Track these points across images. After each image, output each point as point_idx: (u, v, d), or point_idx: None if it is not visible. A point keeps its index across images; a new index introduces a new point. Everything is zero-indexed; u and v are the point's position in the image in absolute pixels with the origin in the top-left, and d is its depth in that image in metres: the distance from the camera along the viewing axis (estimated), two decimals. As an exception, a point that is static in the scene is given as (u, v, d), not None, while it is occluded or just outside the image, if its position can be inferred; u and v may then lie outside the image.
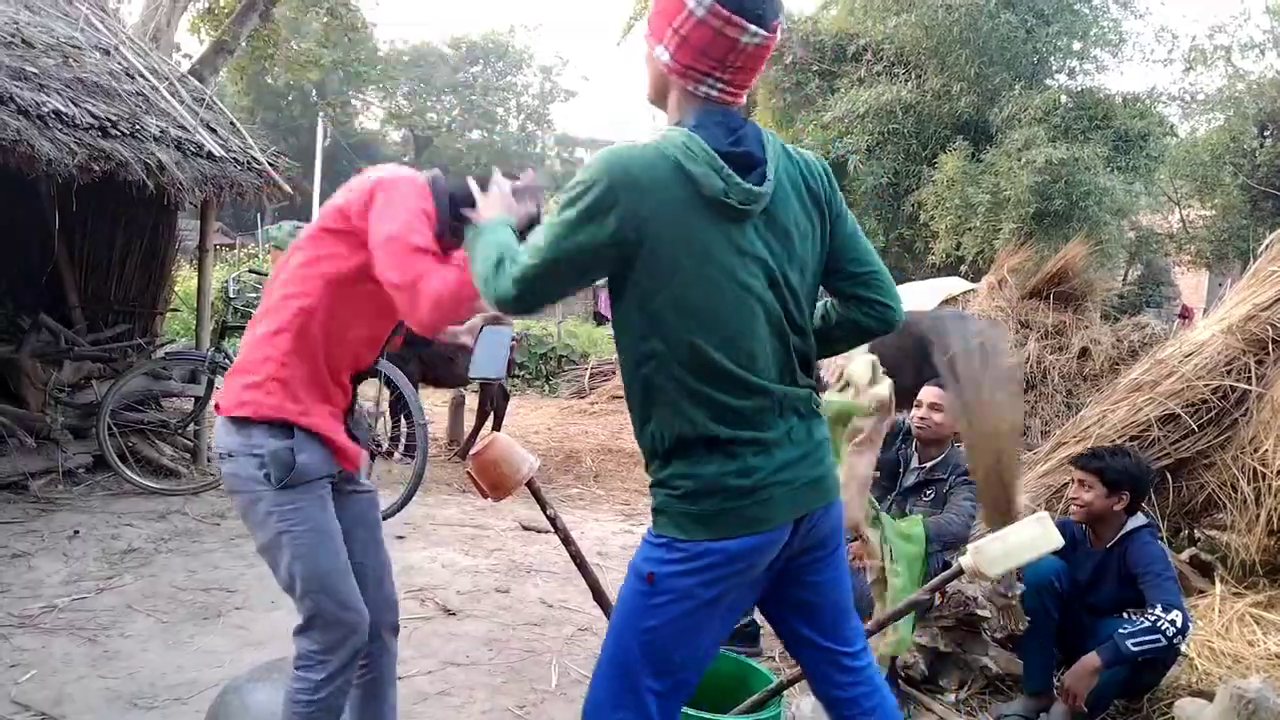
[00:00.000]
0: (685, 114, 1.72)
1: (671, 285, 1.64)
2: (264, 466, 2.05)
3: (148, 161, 4.77)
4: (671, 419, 1.70)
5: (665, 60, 1.70)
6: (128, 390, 5.66)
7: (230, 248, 22.50)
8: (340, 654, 2.12)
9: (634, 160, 1.62)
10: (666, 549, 1.72)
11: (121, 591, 3.94)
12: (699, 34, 1.63)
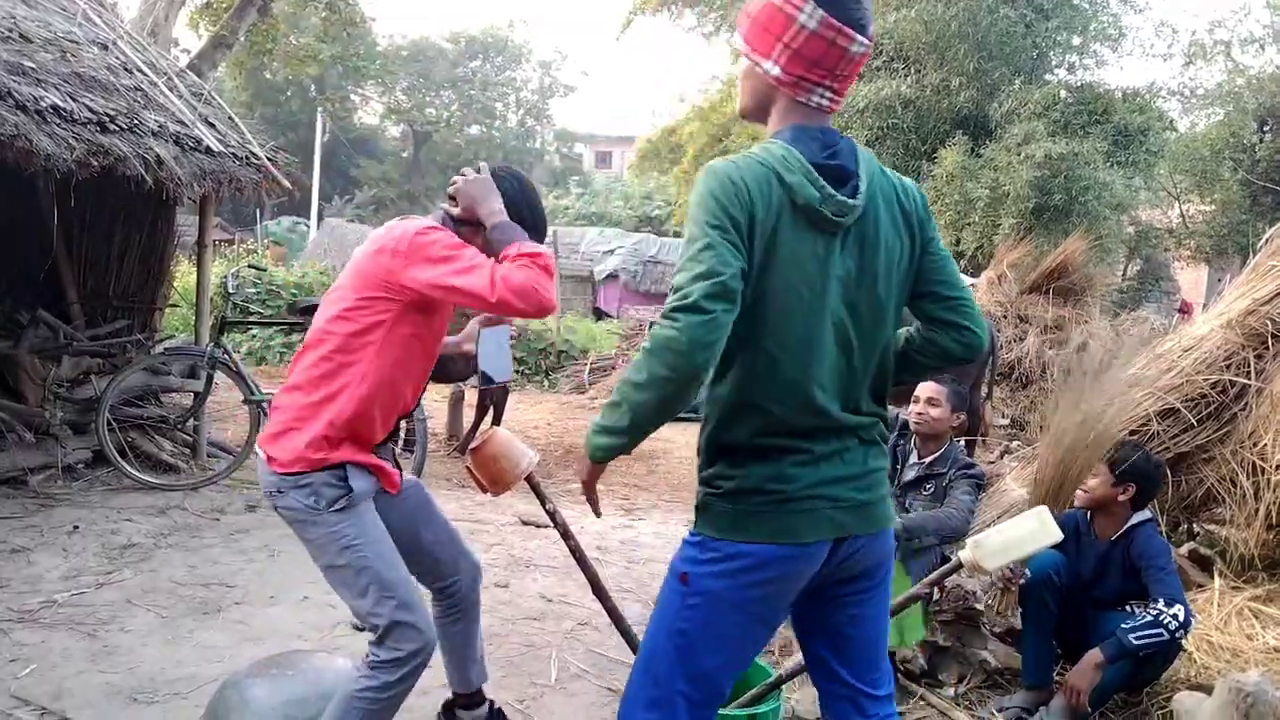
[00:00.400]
0: (784, 127, 1.74)
1: (761, 290, 1.65)
2: (313, 495, 2.20)
3: (146, 156, 4.76)
4: (729, 421, 1.72)
5: (775, 73, 1.71)
6: (127, 385, 5.66)
7: (229, 243, 22.49)
8: (414, 661, 2.20)
9: (741, 168, 1.65)
10: (700, 548, 1.74)
11: (121, 586, 3.94)
12: (812, 46, 1.67)
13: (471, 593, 2.61)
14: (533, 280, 2.07)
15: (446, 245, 2.15)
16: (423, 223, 2.24)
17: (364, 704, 2.18)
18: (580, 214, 28.74)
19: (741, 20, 1.77)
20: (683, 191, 17.84)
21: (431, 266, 2.12)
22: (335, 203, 33.95)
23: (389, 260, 2.17)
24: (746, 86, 1.80)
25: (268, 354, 11.97)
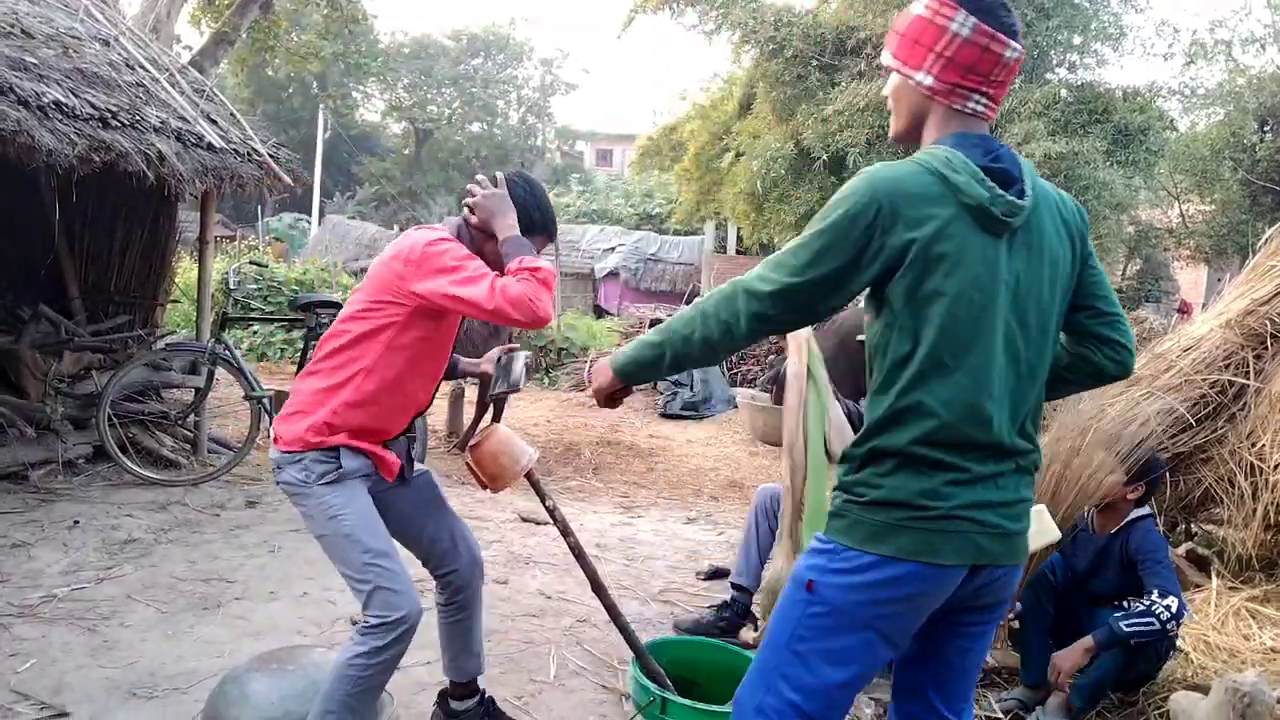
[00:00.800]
0: (943, 135, 1.73)
1: (926, 293, 1.62)
2: (305, 470, 2.34)
3: (148, 152, 4.76)
4: (891, 425, 1.66)
5: (928, 84, 1.72)
6: (128, 381, 5.67)
7: (230, 239, 22.48)
8: (400, 627, 2.27)
9: (896, 173, 1.64)
10: (831, 556, 1.68)
11: (121, 581, 3.95)
12: (965, 52, 1.67)
13: (470, 584, 2.69)
14: (529, 293, 2.20)
15: (454, 256, 2.28)
16: (435, 234, 2.36)
17: (356, 670, 2.27)
18: (581, 211, 28.70)
19: (890, 40, 1.79)
20: (683, 189, 17.81)
21: (438, 276, 2.25)
22: (337, 199, 33.96)
23: (401, 267, 2.31)
24: (900, 105, 1.80)
25: (269, 350, 11.98)
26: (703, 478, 7.30)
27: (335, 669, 2.31)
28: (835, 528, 1.70)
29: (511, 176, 2.49)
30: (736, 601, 3.79)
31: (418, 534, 2.66)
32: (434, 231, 2.39)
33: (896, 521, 1.63)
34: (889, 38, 1.80)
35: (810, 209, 13.27)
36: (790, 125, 13.11)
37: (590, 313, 20.23)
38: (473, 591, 2.71)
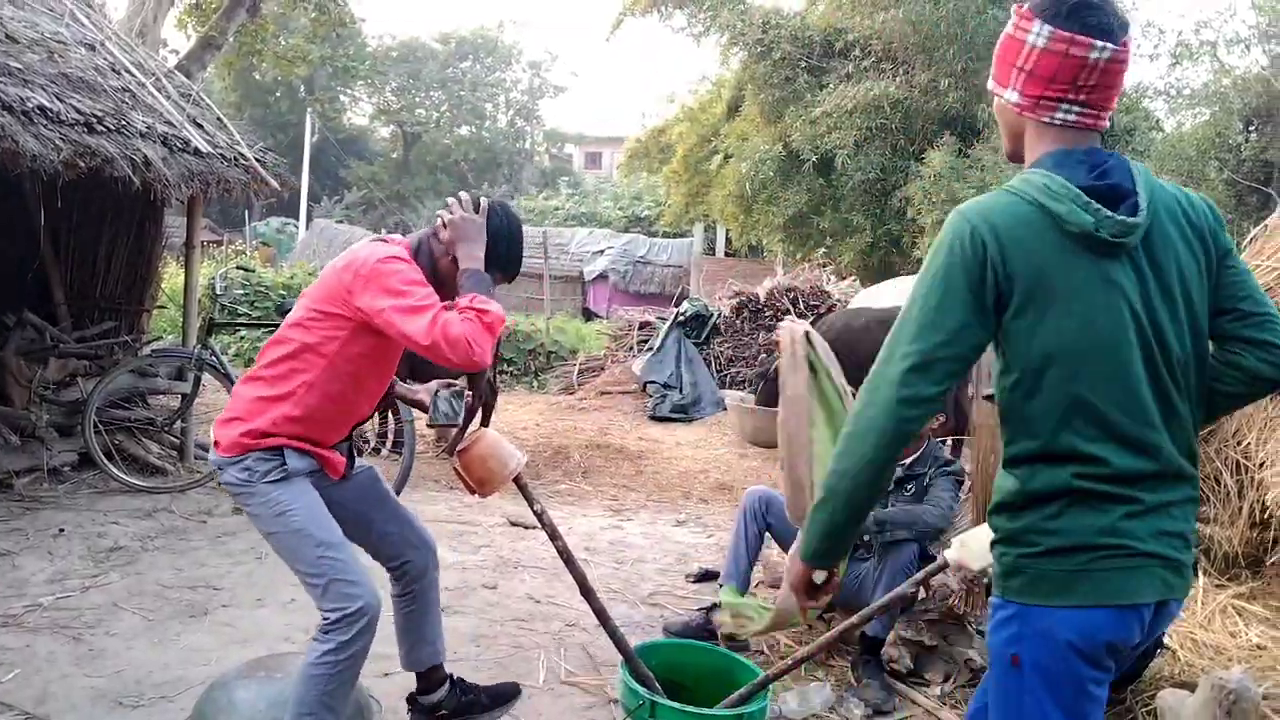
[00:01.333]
0: (1042, 154, 1.63)
1: (1048, 330, 1.54)
2: (247, 470, 2.32)
3: (134, 158, 4.75)
4: (1043, 466, 1.56)
5: (1015, 100, 1.64)
6: (114, 388, 5.64)
7: (218, 244, 22.42)
8: (360, 620, 2.27)
9: (991, 206, 1.58)
10: (1022, 621, 1.56)
11: (107, 590, 3.93)
12: (1044, 62, 1.59)
13: (425, 574, 2.69)
14: (470, 334, 2.16)
15: (403, 280, 2.23)
16: (390, 250, 2.31)
17: (325, 669, 2.27)
18: (570, 214, 28.69)
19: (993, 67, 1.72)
20: (672, 192, 17.83)
21: (382, 297, 2.21)
22: (324, 203, 33.88)
23: (350, 279, 2.27)
24: (1001, 125, 1.73)
25: (255, 355, 11.94)
26: (692, 480, 7.29)
27: (303, 672, 2.30)
28: (1014, 587, 1.57)
29: (495, 205, 2.47)
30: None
31: (366, 529, 2.63)
32: (389, 247, 2.34)
33: (1081, 567, 1.52)
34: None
35: (799, 210, 13.31)
36: (779, 127, 13.13)
37: (579, 316, 20.22)
38: (429, 580, 2.72)
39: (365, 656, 2.35)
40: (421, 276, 2.28)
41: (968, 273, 1.53)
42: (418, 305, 2.18)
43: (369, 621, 2.29)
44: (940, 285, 1.54)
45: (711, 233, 21.66)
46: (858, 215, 12.89)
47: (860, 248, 13.09)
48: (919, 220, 11.79)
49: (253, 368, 2.43)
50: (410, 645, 2.74)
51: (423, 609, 2.72)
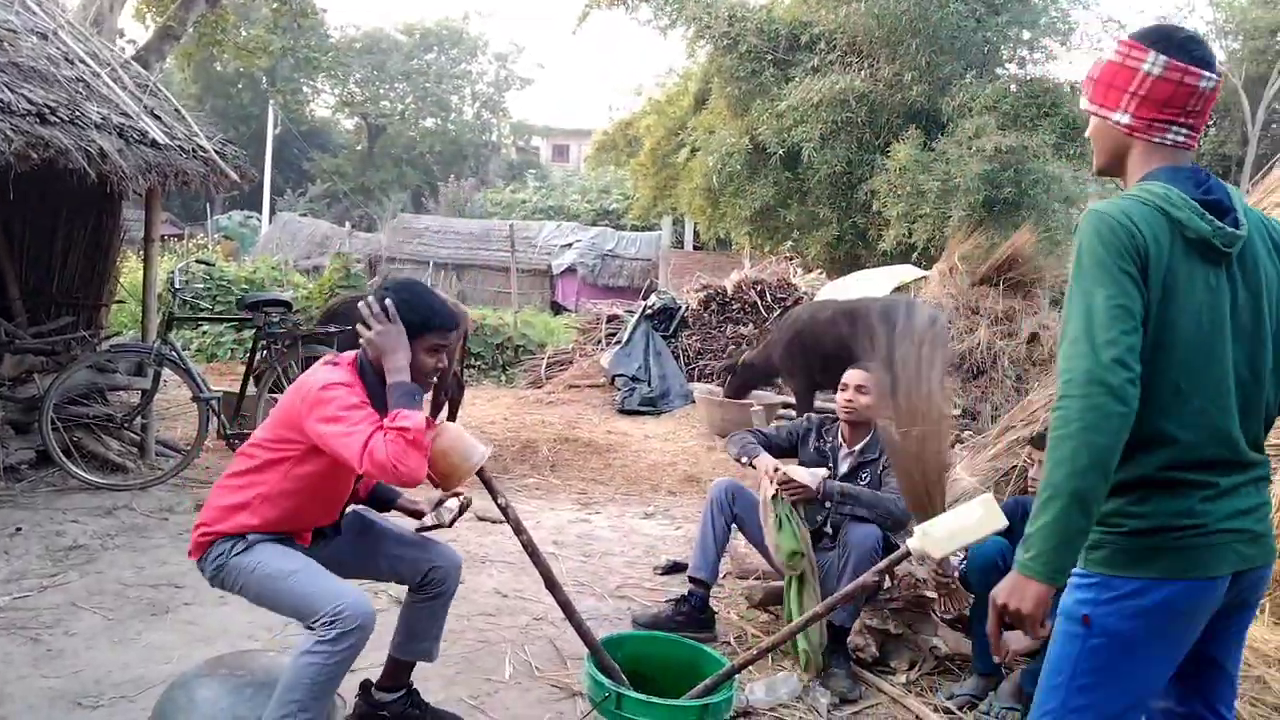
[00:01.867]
0: (1150, 171, 1.80)
1: (1163, 322, 1.68)
2: (218, 556, 2.50)
3: (88, 149, 4.66)
4: (1133, 456, 1.68)
5: (1126, 122, 1.81)
6: (71, 384, 5.54)
7: (179, 238, 22.08)
8: (357, 635, 2.34)
9: (1124, 206, 1.70)
10: (1101, 588, 1.72)
11: (66, 589, 3.86)
12: (1159, 89, 1.77)
13: (446, 579, 2.77)
14: (394, 456, 2.26)
15: (340, 406, 2.37)
16: (333, 376, 2.46)
17: (320, 659, 2.31)
18: (537, 208, 28.57)
19: (1086, 86, 1.89)
20: (640, 185, 17.81)
21: (322, 424, 2.37)
22: (288, 196, 33.48)
23: (300, 404, 2.44)
24: (1100, 143, 1.90)
25: (219, 350, 11.79)
26: (660, 473, 7.30)
27: (296, 660, 2.33)
28: (1096, 559, 1.74)
29: (388, 290, 2.56)
30: (694, 595, 3.79)
31: (374, 564, 2.78)
32: (334, 372, 2.48)
33: (1160, 544, 1.69)
34: (1085, 85, 1.91)
35: (766, 204, 13.35)
36: (745, 120, 13.16)
37: (547, 309, 20.16)
38: (448, 586, 2.79)
39: (359, 652, 2.39)
40: (360, 398, 2.41)
41: (1125, 256, 1.66)
42: (350, 431, 2.32)
43: (361, 626, 2.35)
44: (1108, 274, 1.65)
45: (679, 226, 21.67)
46: (824, 208, 12.95)
47: (827, 240, 13.16)
48: (884, 213, 11.87)
49: (223, 476, 2.60)
50: (408, 635, 2.78)
51: (434, 609, 2.78)
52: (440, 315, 2.57)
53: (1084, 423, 1.60)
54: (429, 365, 2.56)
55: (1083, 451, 1.60)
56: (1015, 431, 5.27)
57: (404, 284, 2.62)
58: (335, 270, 13.16)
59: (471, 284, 22.21)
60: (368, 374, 2.52)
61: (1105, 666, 1.70)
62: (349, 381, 2.45)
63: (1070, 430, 1.61)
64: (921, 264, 11.23)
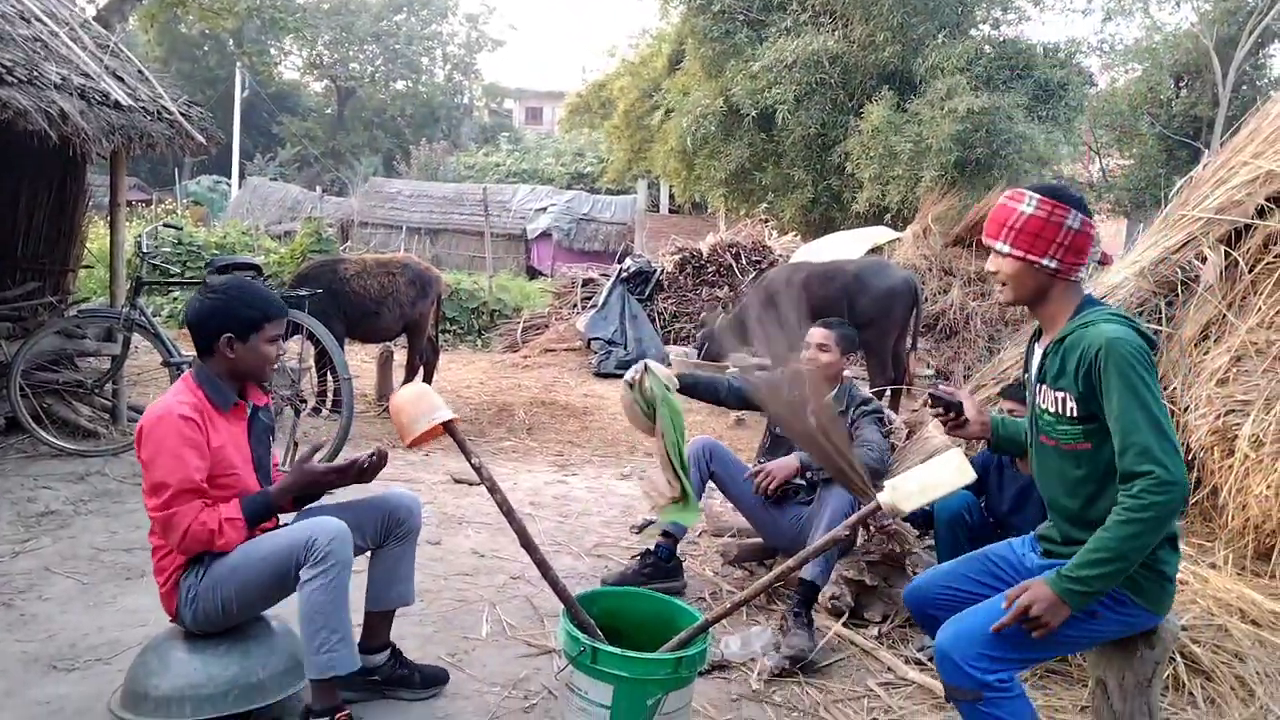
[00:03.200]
0: (1080, 301, 2.29)
1: None
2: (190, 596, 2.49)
3: (49, 110, 4.55)
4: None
5: (1053, 266, 2.25)
6: (39, 350, 5.47)
7: (147, 204, 21.72)
8: (338, 547, 2.43)
9: (1139, 331, 2.17)
10: (1123, 605, 2.19)
11: (38, 554, 3.84)
12: (1079, 240, 2.25)
13: (408, 519, 2.78)
14: (193, 538, 2.42)
15: (163, 469, 2.43)
16: (160, 410, 2.50)
17: (319, 584, 2.39)
18: (511, 171, 28.33)
19: (1001, 233, 2.26)
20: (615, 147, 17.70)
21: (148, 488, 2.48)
22: (257, 161, 33.00)
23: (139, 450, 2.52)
24: (1020, 282, 2.29)
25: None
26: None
27: (302, 597, 2.40)
28: (1127, 585, 2.16)
29: (217, 292, 2.60)
30: (660, 547, 3.82)
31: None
32: (165, 407, 2.51)
33: (1171, 590, 2.24)
34: (997, 230, 2.27)
35: (740, 165, 13.31)
36: (719, 82, 13.09)
37: (523, 274, 20.07)
38: (414, 520, 2.80)
39: (351, 558, 2.48)
40: (191, 434, 2.46)
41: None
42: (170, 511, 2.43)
43: (336, 538, 2.42)
44: (1156, 388, 2.10)
45: (655, 190, 21.59)
46: (799, 170, 12.94)
47: (802, 203, 13.16)
48: (858, 175, 11.88)
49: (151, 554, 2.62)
50: (380, 583, 2.78)
51: (401, 551, 2.78)
52: (275, 306, 2.64)
53: (1162, 515, 2.02)
54: (271, 355, 2.64)
55: (1154, 535, 2.04)
56: (986, 390, 5.33)
57: (231, 282, 2.66)
58: (307, 235, 13.02)
59: (445, 249, 22.05)
60: (204, 379, 2.58)
61: (1073, 631, 2.16)
62: (182, 411, 2.45)
63: (1150, 516, 2.02)
64: (895, 226, 11.27)
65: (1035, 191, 2.25)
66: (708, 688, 3.05)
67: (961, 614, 2.23)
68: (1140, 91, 18.63)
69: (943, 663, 2.16)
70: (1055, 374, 2.23)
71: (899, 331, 6.84)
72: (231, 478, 2.56)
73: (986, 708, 2.12)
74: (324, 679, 2.43)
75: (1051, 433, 2.27)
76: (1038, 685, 3.10)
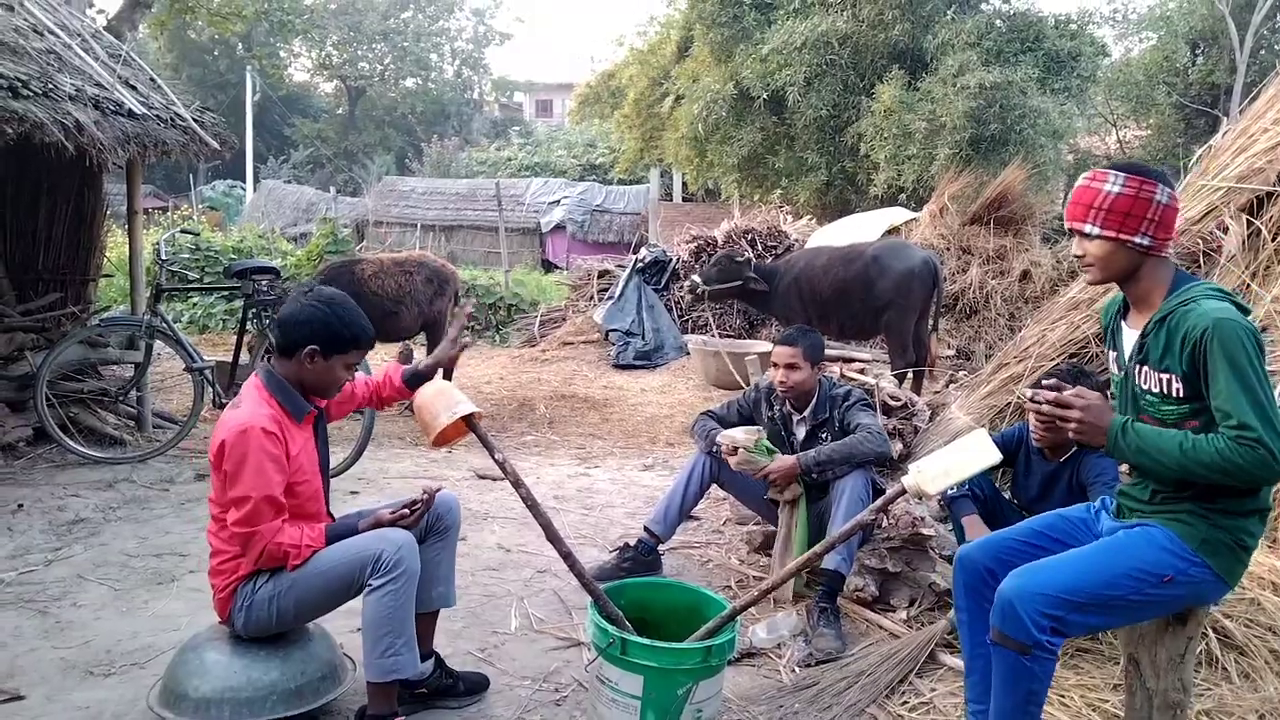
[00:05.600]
0: (1174, 277, 2.25)
1: None
2: (244, 598, 2.53)
3: (65, 122, 4.59)
4: (1260, 493, 2.19)
5: (1146, 244, 2.21)
6: (64, 359, 5.52)
7: (164, 210, 21.89)
8: (407, 557, 2.47)
9: (1243, 310, 2.14)
10: (1198, 568, 2.16)
11: (71, 562, 3.89)
12: (1168, 214, 2.21)
13: (446, 515, 2.78)
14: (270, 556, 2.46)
15: (247, 485, 2.44)
16: (241, 421, 2.49)
17: (388, 591, 2.42)
18: (523, 165, 28.32)
19: (1089, 215, 2.23)
20: (627, 136, 17.65)
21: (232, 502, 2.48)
22: (271, 164, 33.16)
23: (217, 461, 2.51)
24: (1111, 262, 2.24)
25: (210, 321, 11.75)
26: (658, 425, 7.34)
27: (369, 603, 2.44)
28: (1207, 551, 2.16)
29: (315, 302, 2.56)
30: (642, 544, 3.82)
31: None
32: (242, 415, 2.51)
33: (1246, 561, 2.22)
34: (1084, 213, 2.24)
35: (753, 150, 13.25)
36: (729, 67, 13.03)
37: (538, 268, 20.09)
38: (452, 517, 2.80)
39: (418, 568, 2.52)
40: (274, 448, 2.47)
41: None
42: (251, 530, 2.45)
43: (404, 548, 2.46)
44: (1263, 370, 2.07)
45: (668, 178, 21.54)
46: (812, 153, 12.87)
47: (816, 186, 13.09)
48: (872, 156, 11.80)
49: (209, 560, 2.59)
50: (425, 584, 2.70)
51: (441, 550, 2.78)
52: (367, 334, 2.63)
53: (1235, 471, 2.03)
54: (344, 379, 2.64)
55: (1214, 478, 2.06)
56: (1009, 369, 5.29)
57: (336, 297, 2.62)
58: (323, 236, 13.07)
59: (460, 245, 22.10)
60: (277, 387, 2.56)
61: (1141, 595, 2.16)
62: (265, 425, 2.44)
63: (1226, 465, 2.03)
64: (911, 206, 11.20)
65: (1119, 170, 2.21)
66: (738, 676, 3.05)
67: (1033, 565, 2.22)
68: (1155, 60, 18.38)
69: (1003, 610, 2.14)
70: (1159, 355, 2.18)
71: (919, 312, 6.80)
72: (304, 485, 2.58)
73: (1029, 662, 2.13)
74: (385, 683, 2.45)
75: (1155, 413, 2.22)
76: (1069, 664, 3.08)
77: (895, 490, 2.42)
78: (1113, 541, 2.25)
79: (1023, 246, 9.43)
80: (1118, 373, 2.36)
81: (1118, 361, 2.36)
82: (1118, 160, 2.44)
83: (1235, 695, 2.84)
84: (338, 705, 2.70)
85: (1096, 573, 2.15)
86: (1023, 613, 2.11)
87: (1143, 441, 2.13)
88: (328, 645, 2.70)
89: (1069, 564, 2.19)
